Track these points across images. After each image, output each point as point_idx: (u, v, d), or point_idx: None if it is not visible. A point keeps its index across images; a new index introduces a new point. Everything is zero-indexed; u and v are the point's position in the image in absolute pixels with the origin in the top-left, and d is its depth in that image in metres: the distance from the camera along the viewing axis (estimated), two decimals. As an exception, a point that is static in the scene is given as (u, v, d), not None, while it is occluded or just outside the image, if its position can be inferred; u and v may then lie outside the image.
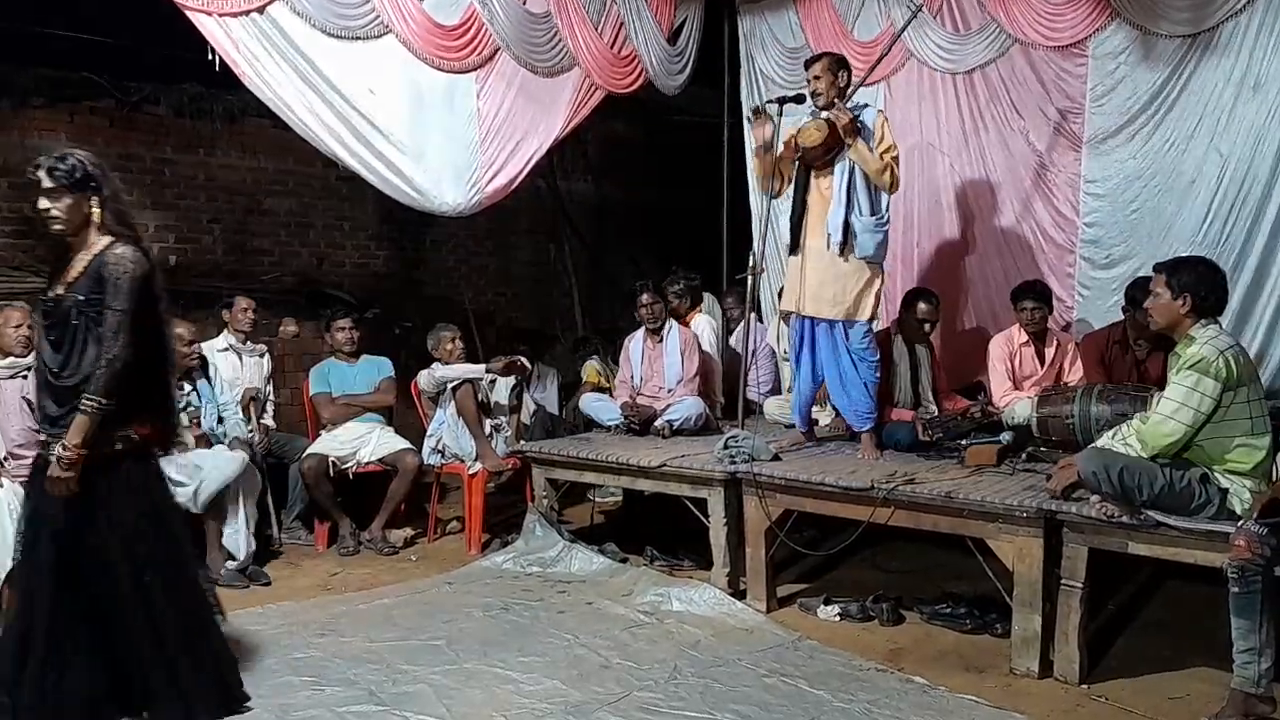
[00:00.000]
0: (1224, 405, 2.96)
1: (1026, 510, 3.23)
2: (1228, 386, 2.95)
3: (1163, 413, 3.02)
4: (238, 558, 4.37)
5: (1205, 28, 4.36)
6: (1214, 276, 3.11)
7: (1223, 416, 2.98)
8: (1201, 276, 3.07)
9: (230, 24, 4.05)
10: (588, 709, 2.99)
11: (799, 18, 5.72)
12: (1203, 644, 3.32)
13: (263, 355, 5.40)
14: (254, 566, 4.43)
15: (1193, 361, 2.98)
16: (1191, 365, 2.98)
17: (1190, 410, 2.96)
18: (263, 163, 6.47)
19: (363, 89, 4.46)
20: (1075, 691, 3.15)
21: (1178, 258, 3.31)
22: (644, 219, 8.65)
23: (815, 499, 3.82)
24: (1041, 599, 3.24)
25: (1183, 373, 2.99)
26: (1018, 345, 4.59)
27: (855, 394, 4.25)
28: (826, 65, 4.12)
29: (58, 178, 2.70)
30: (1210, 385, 2.94)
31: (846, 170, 4.06)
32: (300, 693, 3.09)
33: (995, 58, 5.03)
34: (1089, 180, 4.82)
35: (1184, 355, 3.03)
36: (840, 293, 4.15)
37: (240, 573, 4.35)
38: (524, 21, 5.00)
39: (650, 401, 5.11)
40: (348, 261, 6.95)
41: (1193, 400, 2.96)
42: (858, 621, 3.78)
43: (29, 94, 5.52)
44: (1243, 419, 2.98)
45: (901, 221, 5.41)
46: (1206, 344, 2.99)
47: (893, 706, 3.00)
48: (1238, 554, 2.72)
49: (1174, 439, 3.00)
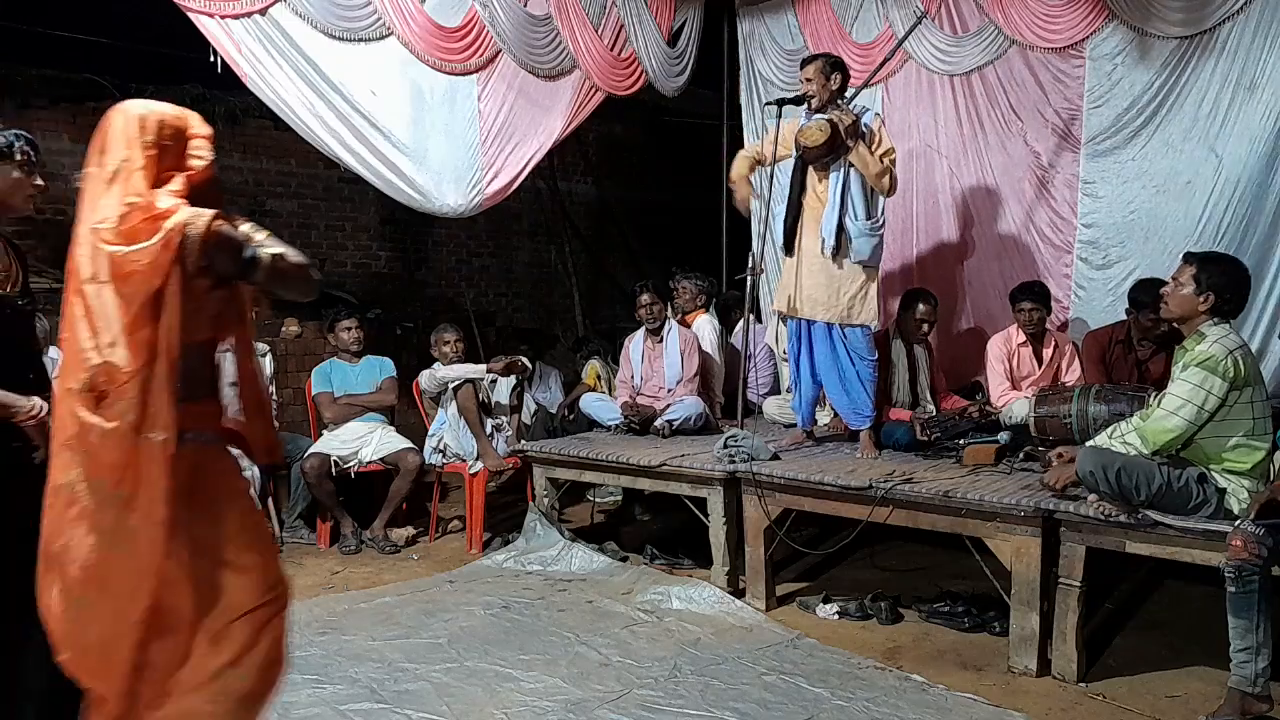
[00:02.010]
0: (1228, 404, 2.95)
1: (1024, 509, 3.24)
2: (1234, 386, 2.93)
3: (1167, 408, 3.00)
4: None
5: (1202, 29, 4.37)
6: (1243, 281, 3.06)
7: (1225, 416, 2.97)
8: (1231, 278, 3.02)
9: (232, 25, 4.07)
10: (588, 706, 3.00)
11: (797, 20, 5.75)
12: (1200, 643, 3.33)
13: (264, 355, 5.42)
14: None
15: (1201, 359, 2.95)
16: (1199, 363, 2.95)
17: (1194, 408, 2.94)
18: (264, 164, 6.50)
19: (364, 90, 4.48)
20: (1073, 690, 3.16)
21: (1213, 251, 3.26)
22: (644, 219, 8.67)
23: (814, 498, 3.84)
24: (1039, 598, 3.25)
25: (1190, 369, 2.97)
26: (1015, 345, 4.61)
27: (853, 393, 4.26)
28: (819, 68, 4.13)
29: None
30: (1217, 384, 2.92)
31: (843, 173, 4.08)
32: (302, 690, 3.10)
33: (993, 59, 5.04)
34: (1086, 181, 4.83)
35: (1192, 351, 3.01)
36: (834, 296, 4.16)
37: None
38: (525, 24, 5.03)
39: (650, 401, 5.13)
40: (349, 262, 6.98)
41: (1198, 398, 2.94)
42: (856, 620, 3.80)
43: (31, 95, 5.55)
44: (1244, 419, 2.98)
45: (900, 223, 5.43)
46: (1216, 342, 2.97)
47: (891, 704, 3.01)
48: (1235, 554, 2.73)
49: (1176, 435, 2.99)
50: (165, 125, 2.03)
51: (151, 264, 1.86)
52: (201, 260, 1.91)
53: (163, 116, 2.04)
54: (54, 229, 5.63)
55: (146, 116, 2.02)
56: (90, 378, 1.86)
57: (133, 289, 1.86)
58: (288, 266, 1.99)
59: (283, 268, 1.99)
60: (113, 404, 1.85)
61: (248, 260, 1.96)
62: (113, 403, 1.85)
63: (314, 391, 5.24)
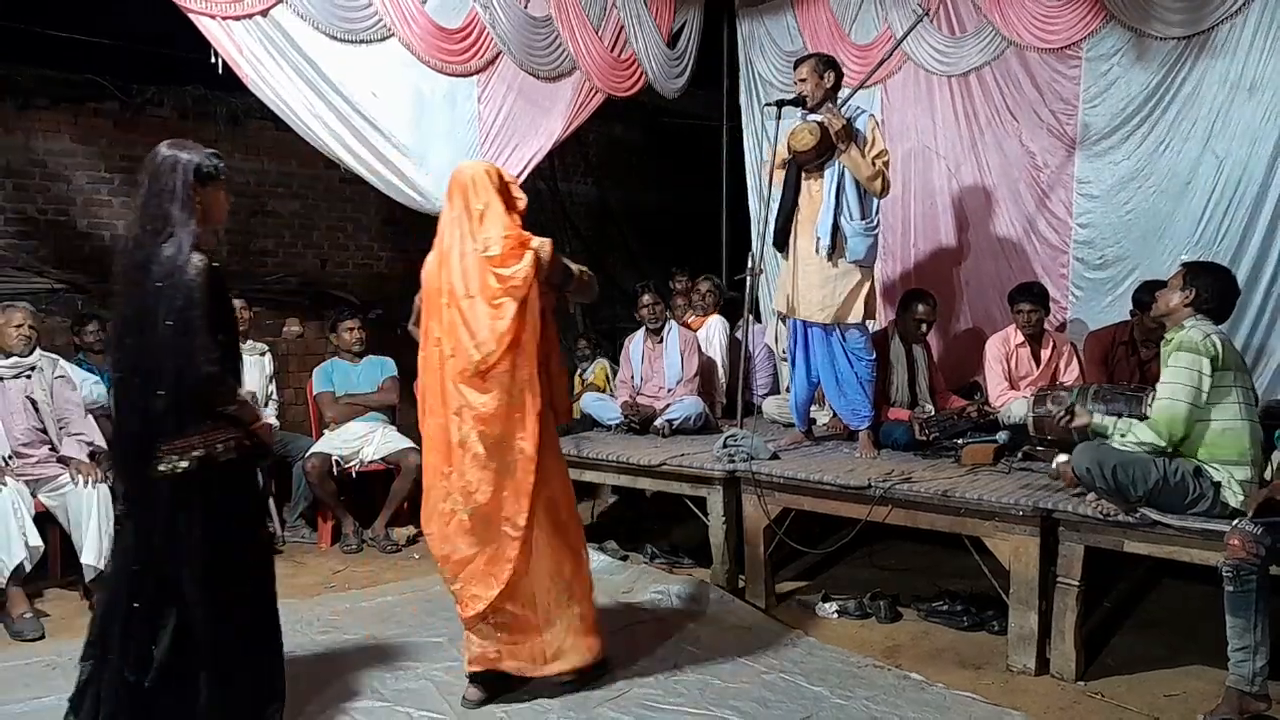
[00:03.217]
0: (1215, 385, 3.00)
1: (1023, 509, 3.25)
2: (1215, 366, 2.99)
3: (1168, 396, 3.03)
4: None
5: (1200, 30, 4.38)
6: (1227, 288, 3.17)
7: (1211, 399, 3.01)
8: (1217, 282, 3.14)
9: (233, 27, 4.09)
10: (588, 705, 3.01)
11: (797, 21, 5.76)
12: (1198, 642, 3.35)
13: (264, 354, 5.43)
14: None
15: (1181, 344, 3.04)
16: (1180, 347, 3.04)
17: (1190, 389, 2.99)
18: (266, 165, 6.50)
19: (365, 91, 4.49)
20: (1071, 689, 3.17)
21: (1209, 262, 3.44)
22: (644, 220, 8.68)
23: (813, 497, 3.85)
24: (1038, 597, 3.26)
25: (1174, 355, 3.05)
26: (1014, 346, 4.62)
27: (852, 394, 4.27)
28: (812, 67, 4.14)
29: None
30: (1204, 362, 2.98)
31: (836, 174, 4.08)
32: (303, 689, 3.11)
33: (990, 60, 5.05)
34: (1082, 181, 4.84)
35: (1172, 340, 3.09)
36: (829, 296, 4.16)
37: None
38: (525, 25, 5.04)
39: (650, 401, 5.14)
40: (351, 263, 6.98)
41: (1191, 379, 2.99)
42: (856, 619, 3.81)
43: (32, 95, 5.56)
44: (1229, 403, 3.02)
45: (898, 223, 5.44)
46: (1194, 328, 3.06)
47: (890, 703, 3.02)
48: (1233, 553, 2.74)
49: (1184, 417, 3.00)
50: (500, 175, 2.92)
51: (524, 279, 2.77)
52: (545, 275, 2.82)
53: (497, 169, 2.94)
54: (54, 229, 5.64)
55: (490, 170, 2.90)
56: (475, 365, 2.77)
57: (511, 298, 2.76)
58: (589, 279, 3.05)
59: (586, 280, 3.03)
60: (491, 381, 2.79)
61: (570, 274, 2.95)
62: (492, 381, 2.78)
63: (315, 391, 5.26)
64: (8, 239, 5.49)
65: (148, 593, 2.43)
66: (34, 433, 4.07)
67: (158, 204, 2.44)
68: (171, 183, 2.44)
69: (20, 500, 3.78)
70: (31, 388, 4.09)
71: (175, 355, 2.36)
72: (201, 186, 2.49)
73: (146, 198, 2.46)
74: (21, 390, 4.07)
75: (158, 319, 2.35)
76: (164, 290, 2.36)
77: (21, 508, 3.76)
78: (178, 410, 2.39)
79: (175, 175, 2.45)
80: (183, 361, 2.36)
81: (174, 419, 2.39)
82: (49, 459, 4.07)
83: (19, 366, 4.07)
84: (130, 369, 2.45)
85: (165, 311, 2.35)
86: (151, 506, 2.44)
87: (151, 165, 2.48)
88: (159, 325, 2.35)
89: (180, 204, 2.43)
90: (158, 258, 2.38)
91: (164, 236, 2.40)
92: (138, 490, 2.49)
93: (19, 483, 3.86)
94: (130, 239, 2.49)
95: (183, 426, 2.41)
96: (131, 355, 2.44)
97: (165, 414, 2.38)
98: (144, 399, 2.39)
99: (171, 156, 2.47)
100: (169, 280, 2.36)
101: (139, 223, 2.46)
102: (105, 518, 3.91)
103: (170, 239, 2.40)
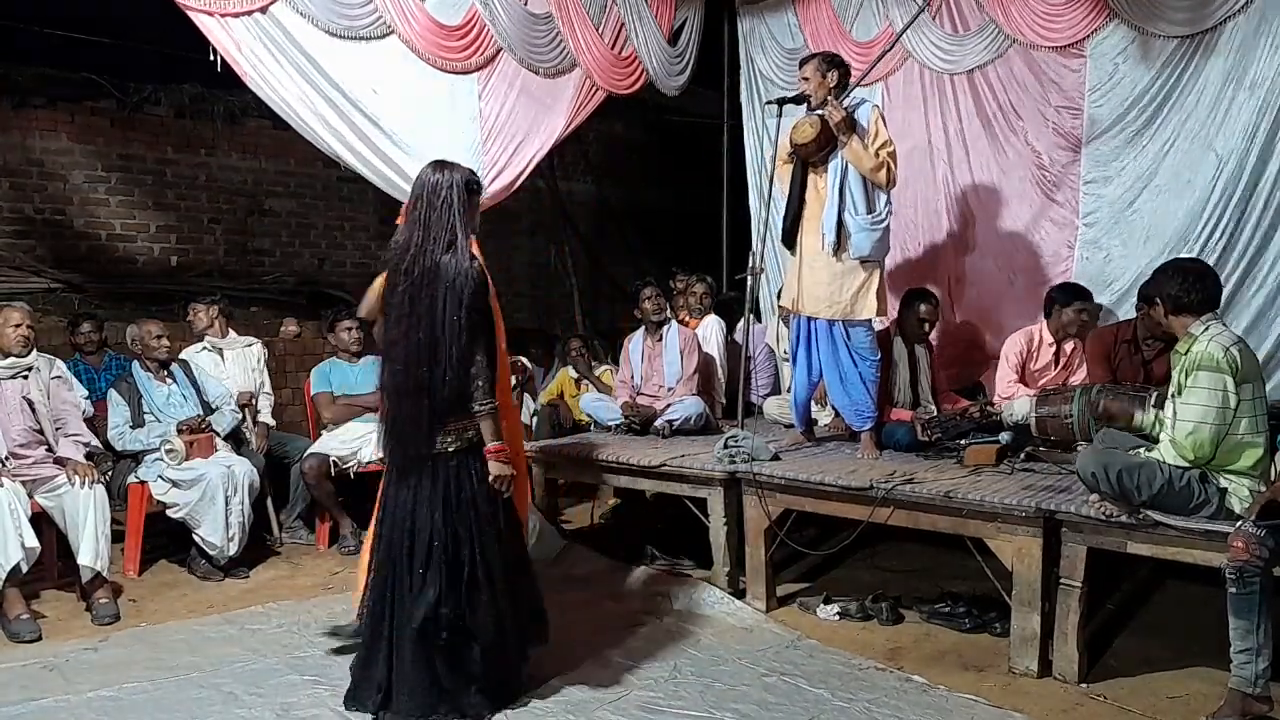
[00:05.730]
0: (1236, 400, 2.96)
1: (1025, 510, 3.24)
2: (1236, 380, 2.93)
3: (1193, 419, 2.96)
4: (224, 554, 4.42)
5: (1204, 28, 4.36)
6: (1187, 273, 3.11)
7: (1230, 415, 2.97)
8: (1169, 277, 3.11)
9: (232, 24, 4.05)
10: (588, 707, 3.00)
11: (798, 19, 5.74)
12: (1201, 644, 3.33)
13: (249, 346, 5.41)
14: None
15: (1201, 362, 2.96)
16: (1201, 365, 2.96)
17: (1216, 409, 2.93)
18: (263, 163, 6.49)
19: (366, 89, 4.46)
20: (1074, 691, 3.16)
21: (1157, 269, 3.35)
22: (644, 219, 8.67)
23: (815, 498, 3.83)
24: (1040, 598, 3.25)
25: (1195, 374, 2.97)
26: (1041, 343, 4.57)
27: (855, 393, 4.25)
28: (816, 65, 4.13)
29: None
30: (1228, 380, 2.92)
31: (840, 168, 4.06)
32: (301, 691, 3.11)
33: (994, 58, 5.03)
34: (1087, 180, 4.82)
35: (1187, 355, 3.02)
36: (836, 293, 4.15)
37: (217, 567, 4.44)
38: (525, 22, 5.01)
39: (650, 401, 5.12)
40: (349, 262, 6.97)
41: (1216, 399, 2.93)
42: (857, 621, 3.79)
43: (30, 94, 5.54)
44: (1245, 416, 2.97)
45: (901, 222, 5.41)
46: (1211, 341, 2.98)
47: (892, 705, 3.01)
48: (1236, 555, 2.73)
49: (1210, 439, 2.95)
50: None
51: None
52: None
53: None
54: (51, 228, 5.63)
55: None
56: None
57: None
58: None
59: None
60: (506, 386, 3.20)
61: None
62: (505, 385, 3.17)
63: (313, 391, 5.24)
64: (4, 238, 5.48)
65: (431, 554, 2.84)
66: (31, 433, 4.05)
67: (442, 219, 2.85)
68: (450, 198, 2.85)
69: (16, 501, 3.75)
70: (28, 388, 4.07)
71: (461, 344, 2.79)
72: (469, 198, 2.91)
73: (428, 214, 2.85)
74: (18, 391, 4.05)
75: (447, 316, 2.78)
76: (452, 290, 2.78)
77: (18, 508, 3.73)
78: (460, 396, 2.83)
79: (453, 192, 2.86)
80: (469, 351, 2.81)
81: (457, 403, 2.83)
82: (46, 460, 4.05)
83: (16, 367, 4.05)
84: (417, 361, 2.82)
85: (453, 308, 2.78)
86: (434, 476, 2.87)
87: (426, 187, 2.88)
88: (448, 321, 2.78)
89: (460, 216, 2.86)
90: (446, 263, 2.80)
91: (448, 245, 2.82)
92: (417, 463, 2.89)
93: (15, 483, 3.83)
94: (413, 247, 2.85)
95: (460, 409, 2.86)
96: (423, 349, 2.81)
97: (449, 398, 2.82)
98: (430, 383, 2.81)
99: (446, 178, 2.89)
100: (455, 282, 2.79)
101: (428, 236, 2.83)
102: (102, 519, 3.90)
103: (452, 246, 2.82)
